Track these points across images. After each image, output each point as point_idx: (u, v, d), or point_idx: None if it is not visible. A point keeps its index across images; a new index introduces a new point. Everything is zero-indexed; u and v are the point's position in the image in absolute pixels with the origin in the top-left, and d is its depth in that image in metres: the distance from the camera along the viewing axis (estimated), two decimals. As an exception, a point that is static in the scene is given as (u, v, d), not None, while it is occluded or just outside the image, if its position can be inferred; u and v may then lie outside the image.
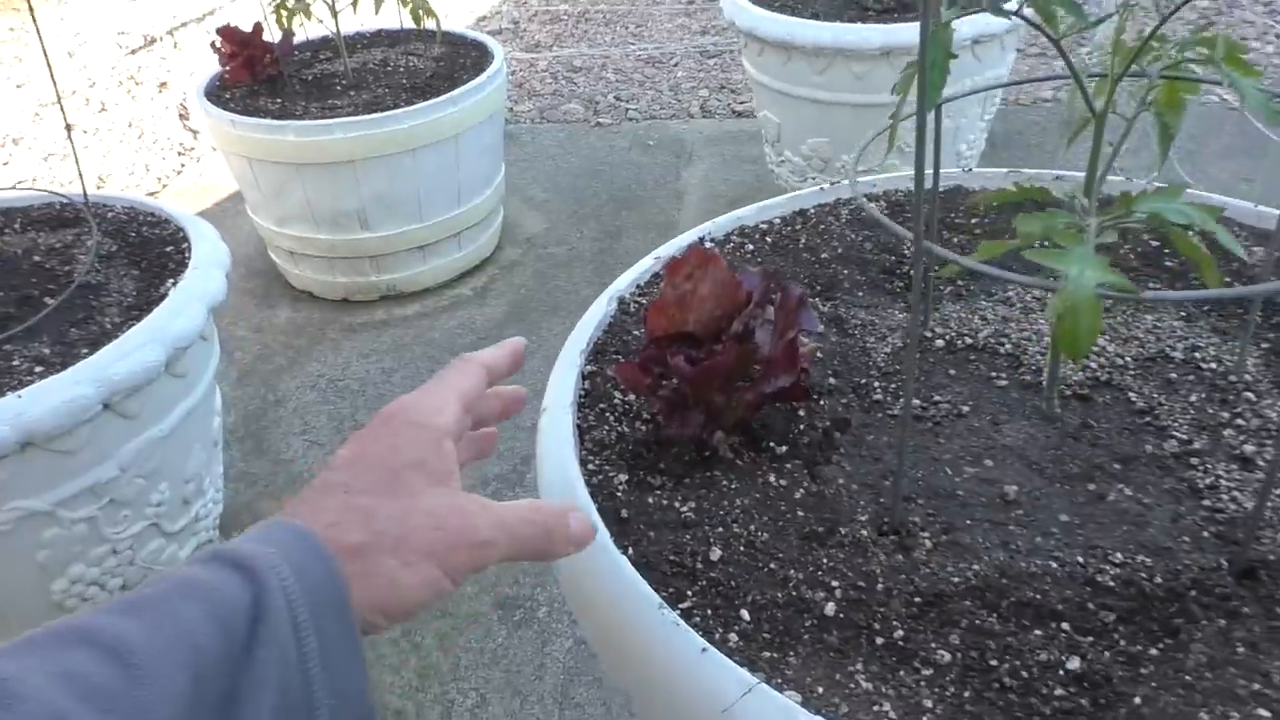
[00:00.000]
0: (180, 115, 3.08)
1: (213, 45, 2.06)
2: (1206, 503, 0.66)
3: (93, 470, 1.08)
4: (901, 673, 0.56)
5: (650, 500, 0.68)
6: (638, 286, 0.91)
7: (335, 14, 2.06)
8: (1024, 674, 0.56)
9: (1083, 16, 0.61)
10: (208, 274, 1.20)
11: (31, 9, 1.17)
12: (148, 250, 1.28)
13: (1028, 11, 0.63)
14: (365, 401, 1.84)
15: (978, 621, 0.59)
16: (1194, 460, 0.70)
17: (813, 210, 1.02)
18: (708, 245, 0.99)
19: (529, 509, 0.48)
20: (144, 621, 0.36)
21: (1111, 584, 0.61)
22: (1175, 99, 0.70)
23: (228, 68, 2.05)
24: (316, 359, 1.97)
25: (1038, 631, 0.58)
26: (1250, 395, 0.75)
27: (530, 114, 2.97)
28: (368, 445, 0.47)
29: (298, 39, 2.26)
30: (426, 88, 2.03)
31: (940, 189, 1.05)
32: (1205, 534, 0.64)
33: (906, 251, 0.96)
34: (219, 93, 2.07)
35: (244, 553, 0.39)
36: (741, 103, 2.93)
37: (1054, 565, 0.62)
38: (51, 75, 1.21)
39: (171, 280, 1.20)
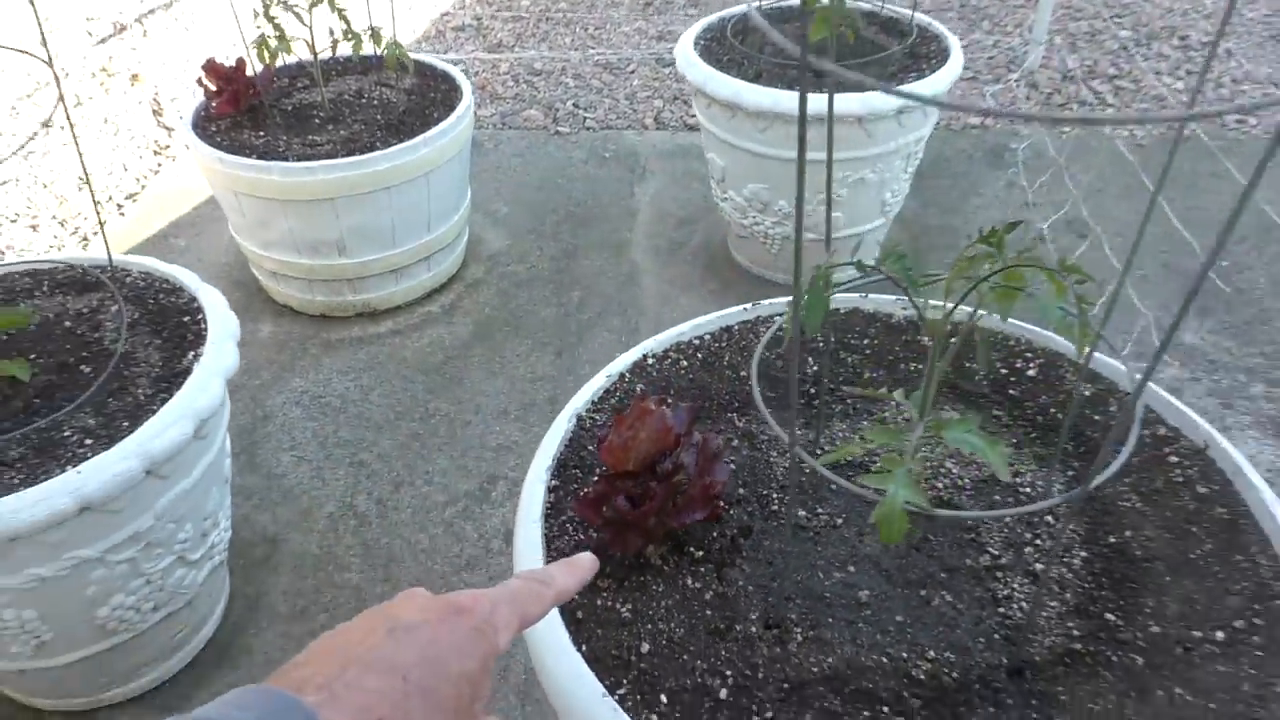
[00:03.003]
0: (154, 111, 3.19)
1: (199, 81, 2.21)
2: (1001, 610, 0.92)
3: (134, 522, 1.29)
4: (769, 746, 0.81)
5: (599, 602, 0.91)
6: (592, 403, 1.13)
7: (314, 51, 2.22)
8: (854, 746, 0.81)
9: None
10: (222, 348, 1.40)
11: None
12: (166, 319, 1.47)
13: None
14: (346, 419, 2.05)
15: (826, 704, 0.84)
16: (999, 573, 0.95)
17: (737, 327, 1.25)
18: (649, 361, 1.21)
19: None
20: None
21: (923, 677, 0.86)
22: (1008, 297, 0.94)
23: (214, 103, 2.20)
24: (299, 375, 2.17)
25: (867, 713, 0.83)
26: (1050, 518, 1.00)
27: (493, 119, 3.14)
28: (441, 631, 0.47)
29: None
30: (400, 125, 2.21)
31: (839, 311, 1.29)
32: (996, 636, 0.89)
33: (803, 374, 1.19)
34: (205, 124, 2.23)
35: None
36: (693, 116, 3.12)
37: (885, 660, 0.87)
38: (69, 117, 1.39)
39: (192, 353, 1.40)
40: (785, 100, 2.02)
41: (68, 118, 1.33)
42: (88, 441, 1.27)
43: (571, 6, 3.74)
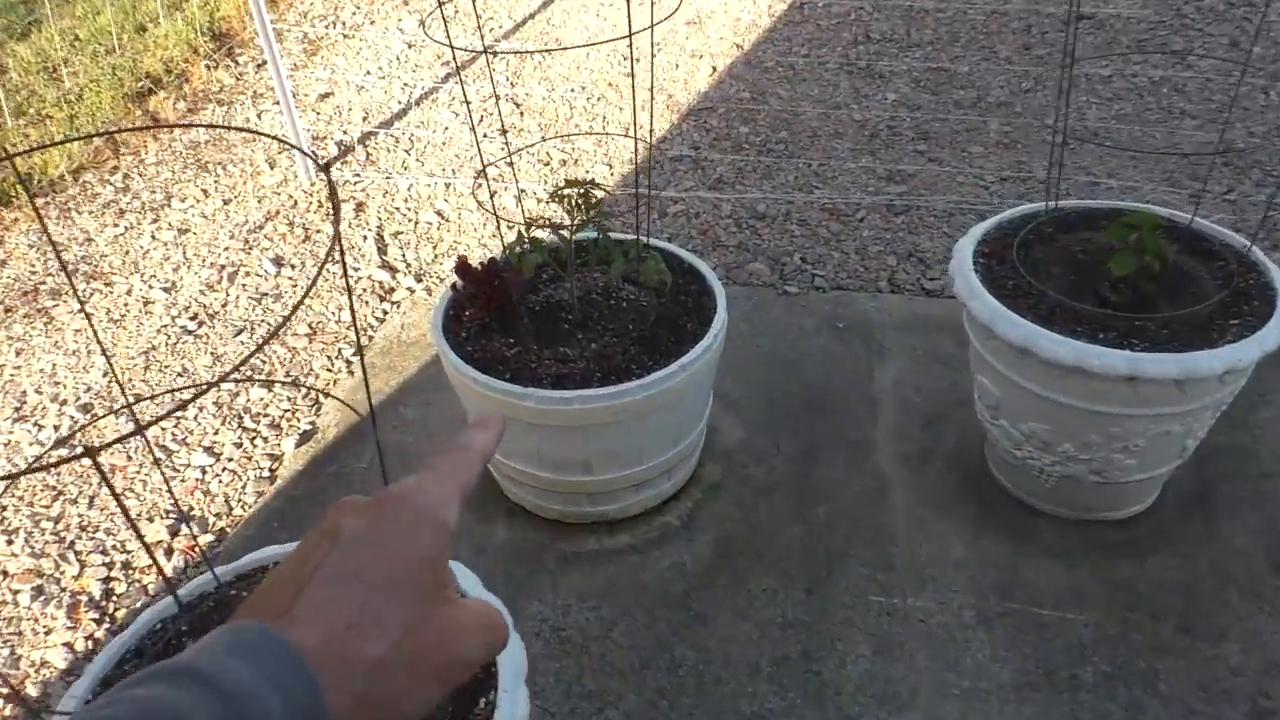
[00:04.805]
0: (379, 249, 3.21)
1: (453, 286, 2.16)
2: None
3: None
4: None
5: None
6: None
7: (570, 258, 2.14)
8: None
9: None
10: (515, 700, 1.31)
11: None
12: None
13: None
14: (589, 662, 1.95)
15: None
16: None
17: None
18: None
19: (494, 612, 0.48)
20: None
21: None
22: None
23: (468, 312, 2.15)
24: (537, 596, 2.09)
25: None
26: None
27: (716, 271, 3.01)
28: (383, 526, 0.45)
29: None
30: (652, 339, 2.10)
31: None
32: None
33: None
34: (454, 325, 2.18)
35: (231, 685, 0.36)
36: (931, 279, 2.93)
37: None
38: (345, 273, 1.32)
39: (484, 700, 1.31)
40: (1090, 357, 1.81)
41: (345, 253, 1.27)
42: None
43: (793, 137, 3.58)
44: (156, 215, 3.40)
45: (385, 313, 2.98)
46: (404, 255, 3.19)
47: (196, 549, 2.25)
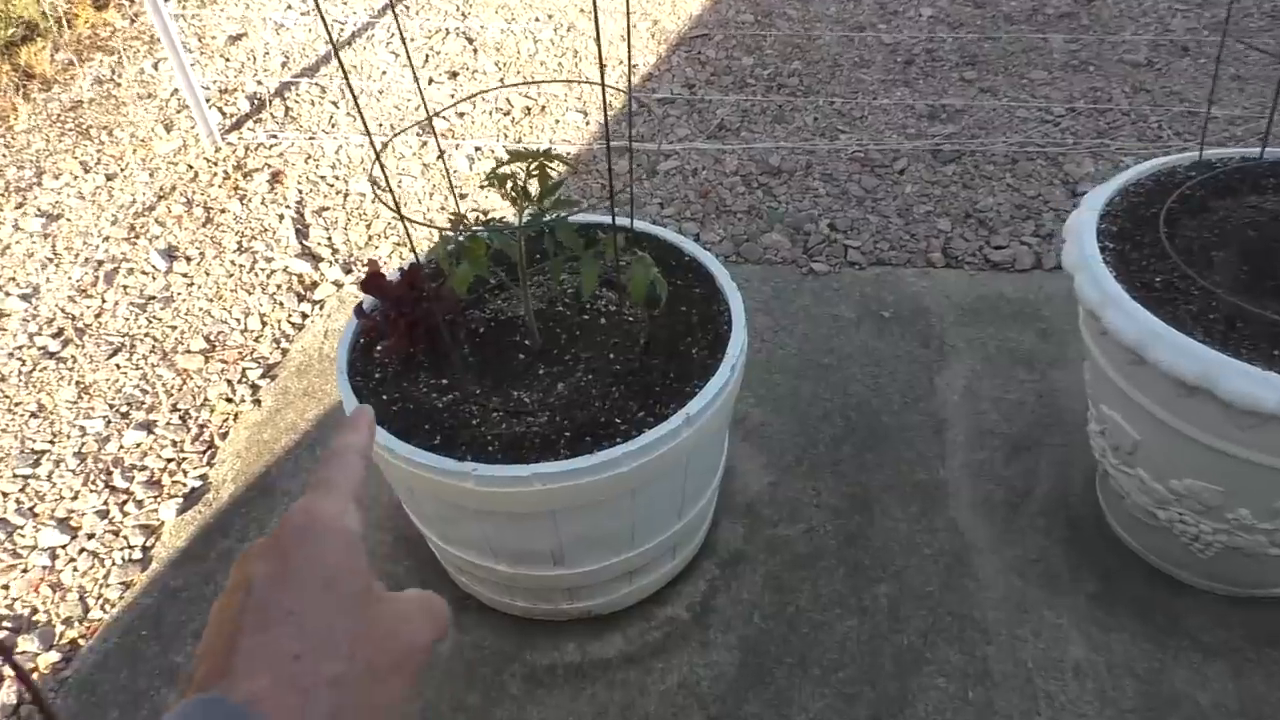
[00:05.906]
0: (298, 229, 2.56)
1: (358, 310, 1.54)
2: None
3: None
4: None
5: None
6: None
7: (521, 271, 1.50)
8: None
9: None
10: None
11: None
12: None
13: None
14: (569, 847, 1.37)
15: None
16: None
17: None
18: None
19: (430, 596, 0.44)
20: None
21: None
22: None
23: (382, 344, 1.52)
24: (497, 740, 1.50)
25: None
26: None
27: (724, 245, 2.38)
28: (290, 558, 0.41)
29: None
30: (642, 371, 1.48)
31: None
32: None
33: None
34: (365, 365, 1.55)
35: None
36: (997, 247, 2.30)
37: None
38: None
39: None
40: (1311, 401, 1.19)
41: None
42: None
43: (809, 68, 2.90)
44: (23, 197, 2.73)
45: (305, 316, 2.34)
46: (330, 238, 2.54)
47: (35, 674, 1.65)
